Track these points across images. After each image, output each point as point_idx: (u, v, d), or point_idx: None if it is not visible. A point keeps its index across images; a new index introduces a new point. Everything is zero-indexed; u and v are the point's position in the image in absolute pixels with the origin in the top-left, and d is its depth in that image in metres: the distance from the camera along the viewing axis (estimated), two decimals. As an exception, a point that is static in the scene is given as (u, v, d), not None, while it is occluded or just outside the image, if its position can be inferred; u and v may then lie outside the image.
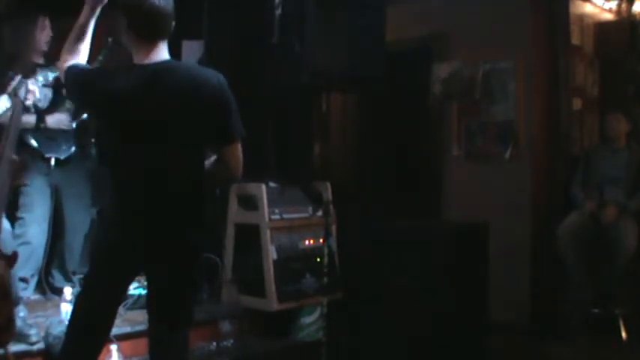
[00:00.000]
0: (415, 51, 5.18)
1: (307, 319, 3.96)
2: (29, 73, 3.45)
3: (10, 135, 2.81)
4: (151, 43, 2.32)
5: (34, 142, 3.80)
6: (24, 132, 3.74)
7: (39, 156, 3.84)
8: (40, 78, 3.37)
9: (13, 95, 2.94)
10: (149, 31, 2.31)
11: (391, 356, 3.48)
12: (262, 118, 4.13)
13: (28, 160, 3.85)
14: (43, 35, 3.82)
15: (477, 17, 4.76)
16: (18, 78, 2.99)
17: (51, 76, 3.48)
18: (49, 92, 3.78)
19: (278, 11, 3.78)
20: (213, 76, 2.38)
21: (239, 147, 2.42)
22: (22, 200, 3.87)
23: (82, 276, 3.97)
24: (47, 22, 3.85)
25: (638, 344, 4.06)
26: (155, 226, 2.33)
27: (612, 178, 4.40)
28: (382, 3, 4.04)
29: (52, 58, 3.79)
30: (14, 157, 2.89)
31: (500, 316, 3.96)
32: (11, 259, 2.86)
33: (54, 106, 3.81)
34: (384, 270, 3.55)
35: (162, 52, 2.34)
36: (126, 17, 2.32)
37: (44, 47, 3.83)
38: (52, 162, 3.84)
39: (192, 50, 4.20)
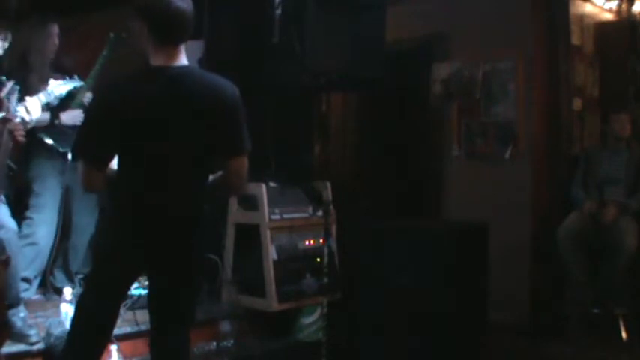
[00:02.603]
0: (415, 51, 5.18)
1: (307, 319, 3.96)
2: (43, 81, 3.49)
3: (3, 142, 2.81)
4: (173, 47, 2.31)
5: (49, 140, 3.80)
6: (38, 130, 3.74)
7: (55, 153, 3.83)
8: (53, 88, 3.41)
9: (6, 101, 2.94)
10: (172, 36, 2.30)
11: (391, 356, 3.48)
12: (262, 118, 4.13)
13: (41, 161, 3.86)
14: (51, 42, 3.83)
15: (477, 17, 4.76)
16: (10, 84, 2.99)
17: (65, 90, 3.51)
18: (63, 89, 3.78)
19: (278, 11, 3.78)
20: (230, 86, 2.37)
21: (245, 162, 2.41)
22: (32, 201, 3.87)
23: (83, 276, 3.99)
24: (56, 30, 3.87)
25: (638, 344, 4.06)
26: (159, 226, 2.33)
27: (612, 178, 4.40)
28: (382, 3, 4.04)
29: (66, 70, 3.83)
30: None
31: (500, 316, 3.96)
32: (5, 262, 2.86)
33: (66, 101, 3.79)
34: (383, 270, 3.55)
35: (181, 56, 2.33)
36: (148, 21, 2.28)
37: (51, 55, 3.85)
38: (69, 157, 3.81)
39: (192, 50, 4.18)
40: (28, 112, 3.05)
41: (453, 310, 3.38)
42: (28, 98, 3.11)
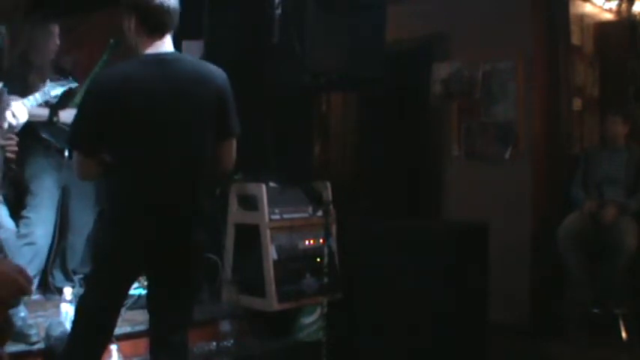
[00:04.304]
0: (415, 51, 5.18)
1: (307, 319, 3.96)
2: (43, 81, 3.50)
3: None
4: (160, 37, 2.37)
5: (47, 136, 3.80)
6: (37, 126, 3.75)
7: (52, 149, 3.83)
8: (49, 88, 3.43)
9: None
10: (159, 26, 2.36)
11: (391, 356, 3.48)
12: (262, 118, 4.13)
13: (38, 159, 3.86)
14: (52, 42, 3.84)
15: (477, 17, 4.76)
16: None
17: (60, 90, 3.52)
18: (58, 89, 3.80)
19: (278, 11, 3.78)
20: (217, 70, 2.45)
21: (234, 143, 2.50)
22: (29, 200, 3.87)
23: (82, 275, 3.99)
24: (57, 30, 3.88)
25: (638, 344, 4.06)
26: (161, 225, 2.33)
27: (612, 178, 4.40)
28: (382, 3, 4.04)
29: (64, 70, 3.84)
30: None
31: (500, 316, 3.96)
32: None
33: (65, 100, 3.80)
34: (383, 270, 3.55)
35: (169, 45, 2.40)
36: (136, 13, 2.35)
37: (52, 55, 3.86)
38: (67, 153, 3.82)
39: (192, 50, 4.20)
40: (14, 116, 3.06)
41: (453, 310, 3.38)
42: (13, 103, 3.11)
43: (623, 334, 4.10)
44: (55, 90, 3.52)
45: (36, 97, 3.43)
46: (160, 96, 2.29)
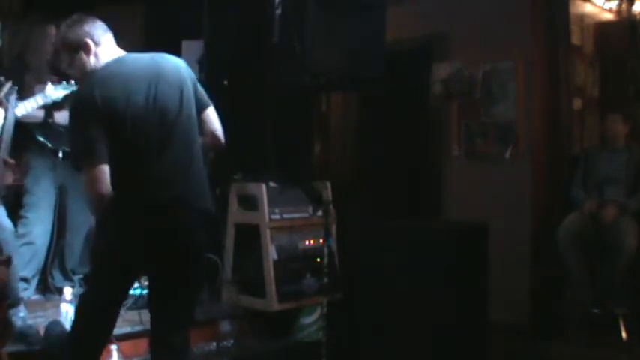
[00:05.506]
0: (415, 51, 5.18)
1: (307, 319, 3.96)
2: (41, 82, 3.50)
3: (3, 140, 2.83)
4: (112, 46, 2.49)
5: (41, 137, 3.80)
6: (32, 127, 3.76)
7: (47, 150, 3.84)
8: (51, 92, 3.44)
9: (5, 101, 2.95)
10: (109, 37, 2.50)
11: (391, 356, 3.47)
12: (262, 118, 4.13)
13: (33, 159, 3.86)
14: (48, 43, 3.84)
15: (477, 17, 4.76)
16: (8, 84, 3.00)
17: (62, 94, 3.53)
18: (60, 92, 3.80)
19: (278, 11, 3.78)
20: (170, 55, 2.55)
21: (214, 111, 2.58)
22: (26, 199, 3.87)
23: (81, 275, 3.99)
24: (53, 31, 3.88)
25: (638, 344, 4.06)
26: (161, 225, 2.33)
27: (612, 178, 4.40)
28: (382, 3, 4.04)
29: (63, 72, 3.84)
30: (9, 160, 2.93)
31: (500, 316, 3.95)
32: (7, 262, 2.87)
33: (61, 102, 3.80)
34: (383, 270, 3.55)
35: (117, 50, 2.51)
36: (92, 39, 2.45)
37: (48, 55, 3.86)
38: (60, 155, 3.84)
39: (192, 50, 4.20)
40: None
41: (453, 310, 3.38)
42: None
43: (623, 334, 4.09)
44: (56, 93, 3.52)
45: (37, 100, 3.44)
46: (145, 90, 2.33)
